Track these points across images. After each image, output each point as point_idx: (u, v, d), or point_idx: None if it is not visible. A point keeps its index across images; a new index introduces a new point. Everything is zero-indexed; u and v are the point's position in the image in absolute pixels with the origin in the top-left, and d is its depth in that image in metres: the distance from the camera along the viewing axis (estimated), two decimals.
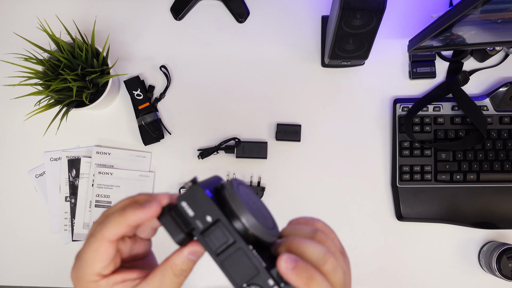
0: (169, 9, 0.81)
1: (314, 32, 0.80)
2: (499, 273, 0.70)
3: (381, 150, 0.78)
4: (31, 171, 0.78)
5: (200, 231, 0.31)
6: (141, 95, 0.77)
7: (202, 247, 0.32)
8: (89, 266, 0.33)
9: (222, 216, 0.31)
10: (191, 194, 0.32)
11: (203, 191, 0.31)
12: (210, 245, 0.31)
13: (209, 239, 0.31)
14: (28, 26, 0.80)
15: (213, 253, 0.31)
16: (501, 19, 0.56)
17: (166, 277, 0.33)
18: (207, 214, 0.31)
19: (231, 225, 0.31)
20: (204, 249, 0.33)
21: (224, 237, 0.31)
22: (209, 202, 0.31)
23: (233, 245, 0.31)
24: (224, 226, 0.31)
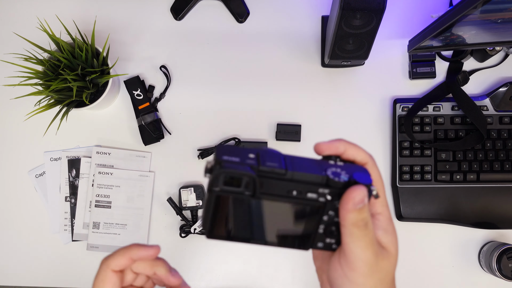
0: (169, 9, 0.81)
1: (314, 32, 0.80)
2: (499, 273, 0.70)
3: (381, 150, 0.78)
4: (31, 171, 0.78)
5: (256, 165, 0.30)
6: (141, 95, 0.77)
7: None
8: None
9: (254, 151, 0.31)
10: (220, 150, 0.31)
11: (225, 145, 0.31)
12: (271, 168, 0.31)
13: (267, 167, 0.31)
14: (28, 26, 0.80)
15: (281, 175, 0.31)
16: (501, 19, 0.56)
17: None
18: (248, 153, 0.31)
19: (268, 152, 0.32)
20: None
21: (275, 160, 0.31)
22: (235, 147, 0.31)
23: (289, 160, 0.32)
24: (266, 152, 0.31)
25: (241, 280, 0.76)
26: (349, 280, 0.33)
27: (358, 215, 0.31)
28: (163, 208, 0.77)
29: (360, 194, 0.31)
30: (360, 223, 0.32)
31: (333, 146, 0.34)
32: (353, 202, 0.31)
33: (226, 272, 0.77)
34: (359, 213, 0.31)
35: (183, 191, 0.75)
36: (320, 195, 0.32)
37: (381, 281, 0.33)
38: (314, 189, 0.31)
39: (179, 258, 0.77)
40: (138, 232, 0.77)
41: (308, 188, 0.31)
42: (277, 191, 0.31)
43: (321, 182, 0.31)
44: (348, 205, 0.31)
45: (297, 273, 0.76)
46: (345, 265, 0.33)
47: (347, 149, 0.34)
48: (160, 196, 0.78)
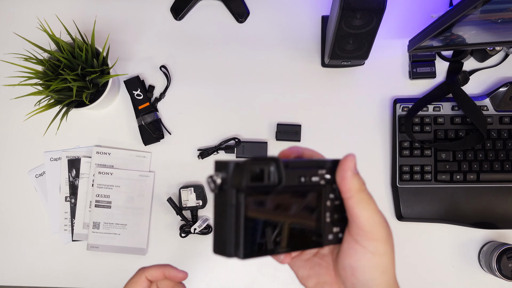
0: (169, 9, 0.81)
1: (314, 32, 0.80)
2: (499, 273, 0.70)
3: (381, 150, 0.78)
4: (31, 171, 0.78)
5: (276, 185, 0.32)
6: (141, 95, 0.77)
7: None
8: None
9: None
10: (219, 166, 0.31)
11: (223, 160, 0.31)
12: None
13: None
14: (28, 26, 0.80)
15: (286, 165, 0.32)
16: (501, 19, 0.56)
17: None
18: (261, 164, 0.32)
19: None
20: None
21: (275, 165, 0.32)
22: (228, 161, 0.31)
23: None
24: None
25: (241, 280, 0.76)
26: (371, 253, 0.33)
27: (359, 180, 0.33)
28: (163, 208, 0.77)
29: (353, 160, 0.34)
30: (364, 187, 0.34)
31: (292, 151, 0.37)
32: (350, 169, 0.33)
33: (226, 272, 0.77)
34: (358, 177, 0.34)
35: (183, 191, 0.75)
36: (320, 178, 0.34)
37: (392, 248, 0.35)
38: (314, 172, 0.34)
39: (179, 258, 0.77)
40: (138, 232, 0.77)
41: (311, 172, 0.33)
42: (291, 181, 0.32)
43: (317, 165, 0.34)
44: (348, 173, 0.33)
45: None
46: (363, 239, 0.33)
47: (304, 152, 0.37)
48: (160, 196, 0.78)
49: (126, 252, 0.76)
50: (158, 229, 0.77)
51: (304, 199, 0.34)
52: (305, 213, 0.34)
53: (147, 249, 0.77)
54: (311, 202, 0.34)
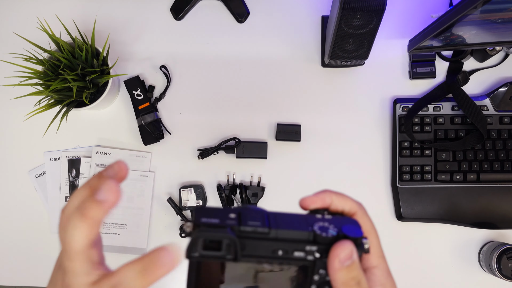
0: (169, 9, 0.81)
1: (314, 32, 0.80)
2: (499, 273, 0.70)
3: (381, 150, 0.78)
4: (31, 171, 0.78)
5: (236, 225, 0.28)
6: (141, 95, 0.77)
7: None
8: None
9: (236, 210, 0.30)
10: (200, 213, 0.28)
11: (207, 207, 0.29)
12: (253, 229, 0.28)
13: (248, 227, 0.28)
14: (28, 26, 0.80)
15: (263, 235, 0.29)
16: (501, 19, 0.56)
17: None
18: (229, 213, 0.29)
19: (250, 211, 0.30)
20: None
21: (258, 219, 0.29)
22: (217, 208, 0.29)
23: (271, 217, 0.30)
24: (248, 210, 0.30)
25: None
26: None
27: (347, 274, 0.28)
28: (163, 208, 0.77)
29: (346, 250, 0.28)
30: (351, 283, 0.28)
31: (319, 199, 0.32)
32: (339, 259, 0.28)
33: None
34: (348, 271, 0.28)
35: (183, 191, 0.75)
36: (308, 253, 0.28)
37: None
38: (300, 247, 0.28)
39: None
40: (138, 232, 0.77)
41: (294, 246, 0.28)
42: (261, 252, 0.28)
43: (307, 239, 0.28)
44: (335, 263, 0.28)
45: None
46: None
47: (333, 200, 0.32)
48: (160, 196, 0.78)
49: (126, 252, 0.76)
50: (158, 229, 0.77)
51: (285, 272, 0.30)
52: (278, 279, 0.30)
53: (147, 249, 0.77)
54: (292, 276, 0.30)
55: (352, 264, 0.28)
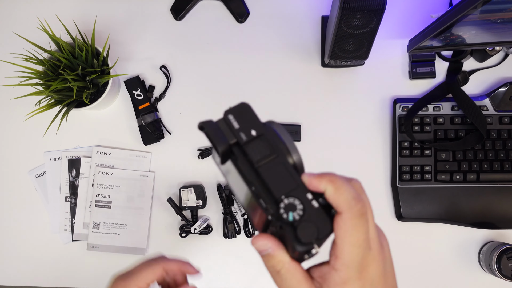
0: (169, 9, 0.81)
1: (314, 32, 0.80)
2: (499, 273, 0.70)
3: (381, 150, 0.78)
4: (31, 171, 0.78)
5: (243, 141, 0.31)
6: (141, 95, 0.77)
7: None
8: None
9: (267, 133, 0.32)
10: (239, 109, 0.33)
11: (251, 108, 0.33)
12: (251, 155, 0.31)
13: (251, 150, 0.31)
14: (28, 26, 0.80)
15: (253, 164, 0.31)
16: (501, 19, 0.56)
17: None
18: (252, 128, 0.32)
19: (273, 141, 0.32)
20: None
21: (266, 150, 0.31)
22: (255, 117, 0.32)
23: (275, 159, 0.31)
24: (267, 140, 0.31)
25: (241, 280, 0.76)
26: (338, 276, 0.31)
27: (265, 261, 0.31)
28: (163, 208, 0.77)
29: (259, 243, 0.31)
30: (270, 270, 0.31)
31: (315, 183, 0.31)
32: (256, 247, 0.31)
33: (226, 272, 0.77)
34: (265, 260, 0.31)
35: (183, 191, 0.75)
36: (266, 210, 0.30)
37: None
38: (266, 201, 0.30)
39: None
40: (138, 232, 0.77)
41: (263, 195, 0.30)
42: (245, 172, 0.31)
43: (271, 201, 0.30)
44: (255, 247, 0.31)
45: None
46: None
47: (328, 189, 0.31)
48: (160, 196, 0.78)
49: (126, 252, 0.76)
50: (158, 229, 0.77)
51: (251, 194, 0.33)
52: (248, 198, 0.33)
53: (147, 249, 0.77)
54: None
55: (268, 255, 0.31)
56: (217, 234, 0.77)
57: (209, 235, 0.77)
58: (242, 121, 0.32)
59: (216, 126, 0.32)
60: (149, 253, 0.77)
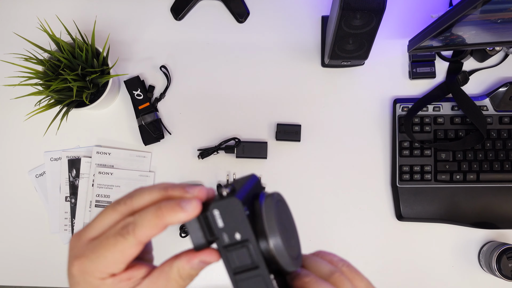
0: (169, 9, 0.81)
1: (314, 32, 0.80)
2: (499, 273, 0.70)
3: (381, 150, 0.78)
4: (31, 171, 0.78)
5: (224, 244, 0.30)
6: (141, 95, 0.77)
7: (215, 257, 0.31)
8: (106, 264, 0.30)
9: (252, 237, 0.29)
10: (227, 206, 0.29)
11: (241, 207, 0.29)
12: (231, 262, 0.30)
13: (231, 256, 0.30)
14: (28, 26, 0.80)
15: (231, 271, 0.30)
16: (501, 19, 0.56)
17: (171, 280, 0.31)
18: (237, 231, 0.29)
19: (258, 248, 0.29)
20: (217, 260, 0.31)
21: (247, 259, 0.29)
22: (243, 220, 0.29)
23: (255, 270, 0.29)
24: (251, 248, 0.29)
25: None
26: None
27: None
28: None
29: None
30: None
31: None
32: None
33: (225, 272, 0.77)
34: None
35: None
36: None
37: None
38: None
39: None
40: None
41: None
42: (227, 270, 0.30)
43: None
44: None
45: None
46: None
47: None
48: None
49: None
50: None
51: None
52: None
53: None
54: None
55: None
56: None
57: None
58: (228, 220, 0.29)
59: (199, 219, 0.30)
60: None
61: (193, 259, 0.31)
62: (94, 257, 0.30)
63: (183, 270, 0.31)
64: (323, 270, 0.32)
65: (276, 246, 0.29)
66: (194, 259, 0.31)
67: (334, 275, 0.31)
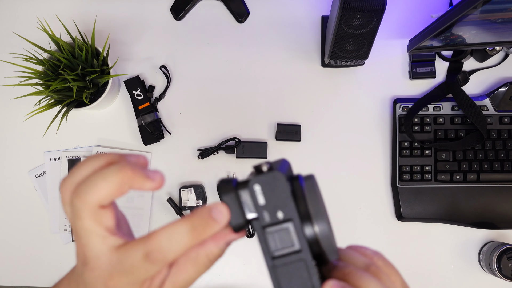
0: (169, 9, 0.81)
1: (314, 32, 0.80)
2: (499, 273, 0.70)
3: (381, 150, 0.78)
4: (31, 171, 0.78)
5: (264, 224, 0.27)
6: (141, 95, 0.77)
7: (241, 235, 0.29)
8: None
9: (297, 217, 0.27)
10: (271, 180, 0.27)
11: (286, 182, 0.27)
12: (270, 244, 0.27)
13: (271, 237, 0.27)
14: (28, 26, 0.80)
15: (269, 254, 0.27)
16: (501, 19, 0.56)
17: (201, 265, 0.31)
18: (279, 209, 0.27)
19: (302, 230, 0.27)
20: (242, 236, 0.29)
21: (289, 241, 0.27)
22: (287, 196, 0.27)
23: (296, 254, 0.27)
24: (294, 229, 0.27)
25: (241, 280, 0.76)
26: None
27: None
28: (163, 208, 0.77)
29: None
30: None
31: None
32: None
33: (226, 272, 0.77)
34: None
35: (183, 191, 0.75)
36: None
37: None
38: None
39: None
40: (138, 232, 0.77)
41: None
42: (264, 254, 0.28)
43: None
44: None
45: None
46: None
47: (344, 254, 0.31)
48: (160, 196, 0.78)
49: None
50: None
51: None
52: None
53: None
54: None
55: None
56: None
57: None
58: (270, 197, 0.27)
59: (236, 195, 0.28)
60: None
61: (220, 242, 0.30)
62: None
63: (212, 254, 0.30)
64: (358, 262, 0.30)
65: (322, 231, 0.27)
66: (222, 242, 0.30)
67: (371, 268, 0.30)
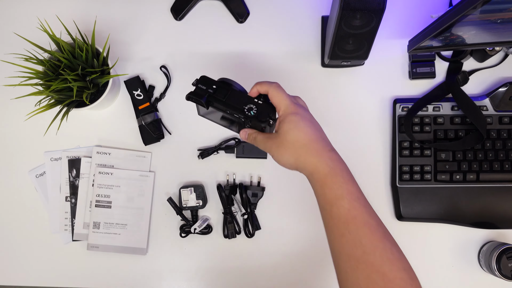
0: (169, 9, 0.81)
1: (314, 32, 0.80)
2: (499, 273, 0.70)
3: (381, 150, 0.78)
4: (31, 171, 0.78)
5: (212, 92, 0.57)
6: (141, 95, 0.78)
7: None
8: None
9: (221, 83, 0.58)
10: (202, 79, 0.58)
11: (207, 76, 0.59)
12: (219, 96, 0.56)
13: (218, 94, 0.57)
14: (29, 26, 0.80)
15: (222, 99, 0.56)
16: (500, 19, 0.56)
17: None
18: (213, 84, 0.57)
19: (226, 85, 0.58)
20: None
21: (224, 91, 0.57)
22: (211, 80, 0.58)
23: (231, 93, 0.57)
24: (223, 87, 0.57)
25: (241, 280, 0.76)
26: None
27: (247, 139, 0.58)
28: (163, 208, 0.78)
29: (242, 135, 0.59)
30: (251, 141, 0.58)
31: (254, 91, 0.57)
32: (245, 136, 0.58)
33: (226, 272, 0.77)
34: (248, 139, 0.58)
35: (183, 191, 0.75)
36: (240, 118, 0.56)
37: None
38: (237, 113, 0.56)
39: (179, 258, 0.77)
40: (138, 232, 0.77)
41: (234, 112, 0.56)
42: (219, 108, 0.56)
43: (240, 112, 0.56)
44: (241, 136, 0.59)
45: (297, 273, 0.76)
46: None
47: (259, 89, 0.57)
48: (160, 196, 0.78)
49: (126, 252, 0.76)
50: (158, 229, 0.77)
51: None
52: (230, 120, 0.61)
53: (147, 249, 0.77)
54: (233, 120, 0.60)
55: (248, 137, 0.58)
56: (217, 234, 0.77)
57: (209, 235, 0.77)
58: (206, 84, 0.57)
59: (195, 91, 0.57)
60: (149, 253, 0.77)
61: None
62: None
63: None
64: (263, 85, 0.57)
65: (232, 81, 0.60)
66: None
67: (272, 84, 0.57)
